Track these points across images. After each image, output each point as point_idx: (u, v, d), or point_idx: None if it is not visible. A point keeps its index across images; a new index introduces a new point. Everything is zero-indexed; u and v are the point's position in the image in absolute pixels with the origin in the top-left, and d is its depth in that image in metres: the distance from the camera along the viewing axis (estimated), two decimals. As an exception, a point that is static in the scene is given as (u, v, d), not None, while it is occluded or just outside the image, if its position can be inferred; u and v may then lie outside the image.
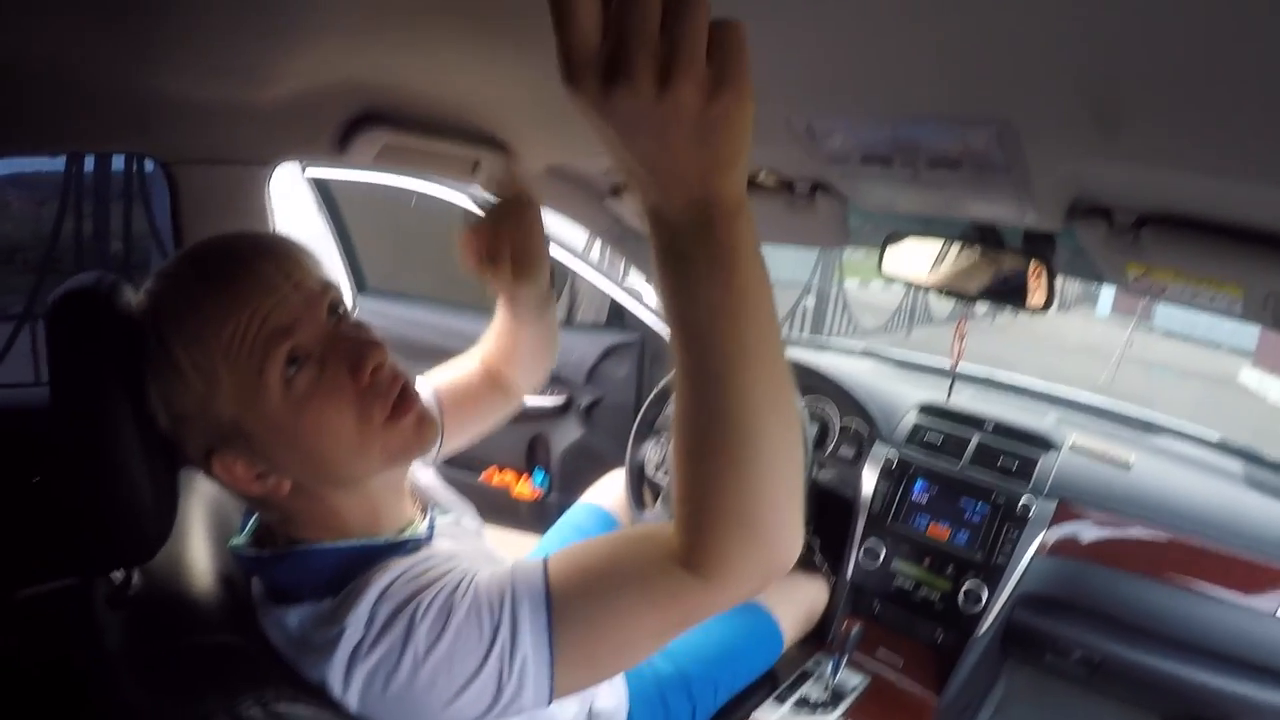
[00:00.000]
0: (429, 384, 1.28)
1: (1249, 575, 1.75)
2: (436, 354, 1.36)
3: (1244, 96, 0.74)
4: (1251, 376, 17.02)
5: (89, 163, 5.38)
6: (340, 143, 1.29)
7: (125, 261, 5.58)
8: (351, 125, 1.28)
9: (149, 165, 5.49)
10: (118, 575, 0.91)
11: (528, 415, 2.71)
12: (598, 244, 2.55)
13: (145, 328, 0.80)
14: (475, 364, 1.35)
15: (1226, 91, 0.74)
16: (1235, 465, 2.12)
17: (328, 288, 0.86)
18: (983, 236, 1.67)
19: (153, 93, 1.02)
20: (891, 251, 1.79)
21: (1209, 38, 0.66)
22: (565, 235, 2.47)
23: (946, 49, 0.82)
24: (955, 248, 1.74)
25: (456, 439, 1.30)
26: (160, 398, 0.80)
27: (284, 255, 0.84)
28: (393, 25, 0.92)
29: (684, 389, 0.67)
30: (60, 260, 5.45)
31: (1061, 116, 0.92)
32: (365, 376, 0.83)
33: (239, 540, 0.95)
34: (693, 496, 0.71)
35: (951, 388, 2.29)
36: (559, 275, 3.21)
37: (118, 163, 5.46)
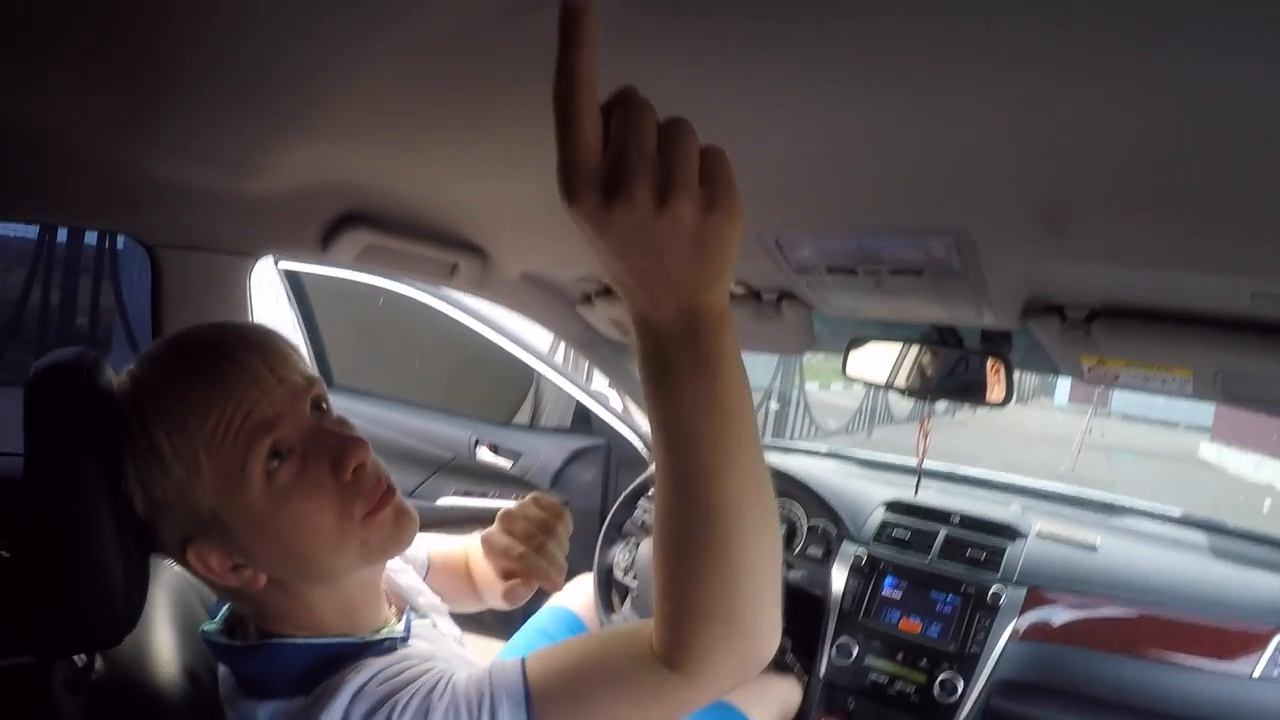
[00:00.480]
0: (424, 547, 1.29)
1: (1221, 641, 1.78)
2: (400, 453, 1.37)
3: (1178, 201, 0.84)
4: (1211, 451, 17.36)
5: (61, 233, 5.36)
6: (324, 240, 1.32)
7: (90, 336, 5.52)
8: (335, 224, 1.30)
9: (120, 242, 5.46)
10: (80, 658, 0.89)
11: (490, 517, 2.67)
12: (562, 347, 2.58)
13: (127, 410, 0.80)
14: (461, 560, 1.35)
15: (1163, 197, 0.84)
16: (1199, 537, 2.18)
17: (312, 382, 0.87)
18: (942, 337, 1.73)
19: (144, 173, 1.04)
20: (855, 355, 1.85)
21: (1144, 151, 0.74)
22: (531, 339, 2.49)
23: (906, 167, 0.90)
24: (916, 349, 1.80)
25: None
26: (139, 482, 0.80)
27: (269, 349, 0.85)
28: (383, 129, 0.96)
29: (667, 489, 0.69)
30: (24, 329, 5.39)
31: (1014, 224, 1.01)
32: (347, 474, 0.83)
33: (211, 626, 0.93)
34: (675, 594, 0.72)
35: (918, 484, 2.33)
36: (525, 380, 3.24)
37: (90, 236, 5.45)
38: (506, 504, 2.23)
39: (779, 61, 0.68)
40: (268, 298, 2.69)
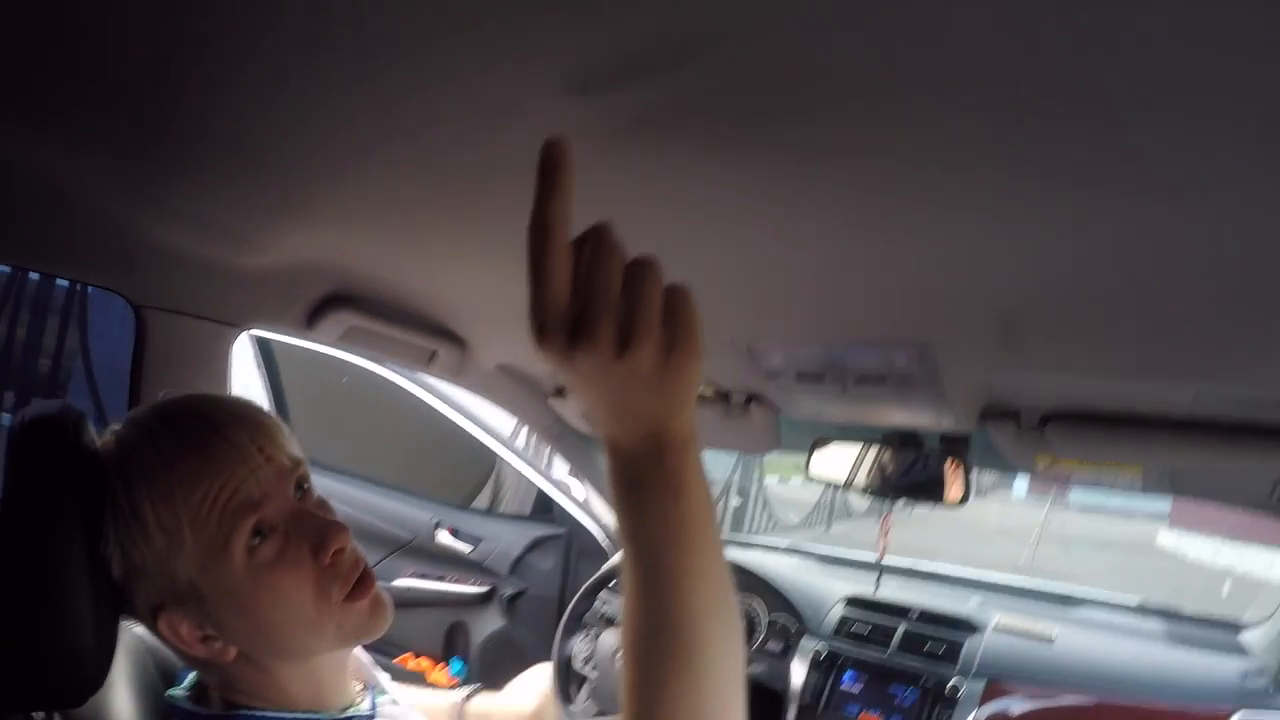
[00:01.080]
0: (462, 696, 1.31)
1: None
2: (359, 531, 1.37)
3: (1123, 317, 0.95)
4: (1169, 538, 17.49)
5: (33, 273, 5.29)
6: (309, 319, 1.34)
7: (51, 378, 5.43)
8: (322, 304, 1.33)
9: (90, 288, 5.38)
10: (38, 716, 0.86)
11: (448, 601, 2.71)
12: (523, 433, 2.61)
13: (112, 472, 0.81)
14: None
15: (1109, 314, 0.94)
16: (1156, 624, 2.23)
17: (298, 463, 0.88)
18: (902, 439, 1.81)
19: (141, 235, 1.05)
20: (818, 455, 1.93)
21: (1091, 275, 0.85)
22: (494, 423, 2.51)
23: (875, 285, 0.99)
24: (877, 450, 1.88)
25: None
26: (118, 545, 0.80)
27: (258, 427, 0.86)
28: (375, 217, 1.00)
29: (635, 596, 0.71)
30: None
31: (973, 339, 1.11)
32: (327, 557, 0.84)
33: (178, 692, 0.93)
34: (642, 695, 0.73)
35: (878, 580, 2.37)
36: (486, 463, 3.25)
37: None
38: (465, 589, 2.23)
39: (758, 185, 0.75)
40: (237, 360, 2.67)
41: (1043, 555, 14.23)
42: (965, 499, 1.80)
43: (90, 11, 0.59)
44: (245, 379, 2.67)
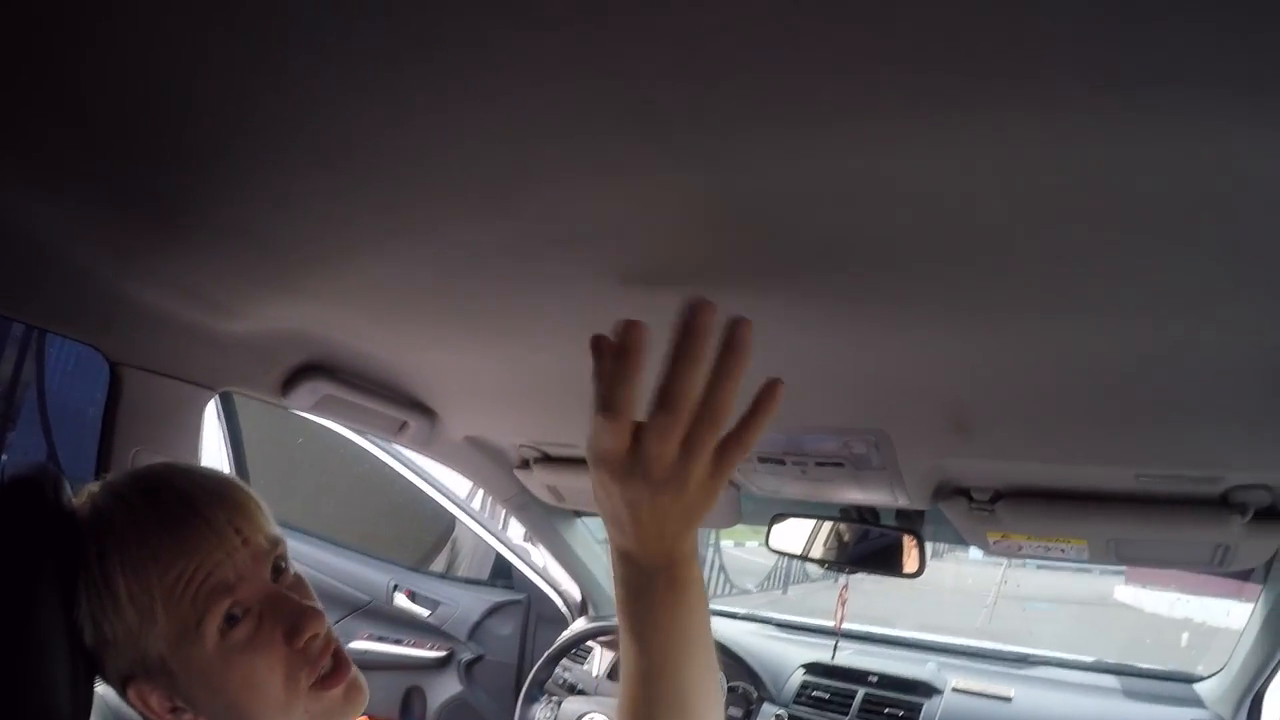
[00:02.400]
0: None
1: None
2: (316, 591, 1.33)
3: (1068, 411, 1.08)
4: (1126, 592, 17.59)
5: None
6: (284, 386, 1.37)
7: (3, 415, 5.33)
8: (297, 372, 1.36)
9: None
10: None
11: (405, 665, 2.73)
12: (480, 496, 2.63)
13: (86, 539, 0.81)
14: None
15: (1055, 409, 1.08)
16: (1111, 680, 2.30)
17: (275, 543, 0.88)
18: (860, 514, 1.90)
19: (122, 293, 1.06)
20: (778, 529, 2.01)
21: (1038, 374, 0.99)
22: (453, 486, 2.55)
23: (836, 379, 1.11)
24: (835, 524, 1.97)
25: None
26: (89, 615, 0.80)
27: (236, 507, 0.86)
28: (355, 292, 1.04)
29: (636, 681, 0.78)
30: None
31: (927, 429, 1.23)
32: (300, 643, 0.84)
33: None
34: None
35: (835, 647, 2.41)
36: (445, 526, 3.28)
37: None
38: (422, 653, 2.24)
39: (727, 285, 0.83)
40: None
41: (1000, 614, 14.29)
42: (920, 572, 1.88)
43: (91, 80, 0.62)
44: (206, 432, 2.67)
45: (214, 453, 2.60)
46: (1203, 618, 13.50)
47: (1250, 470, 1.24)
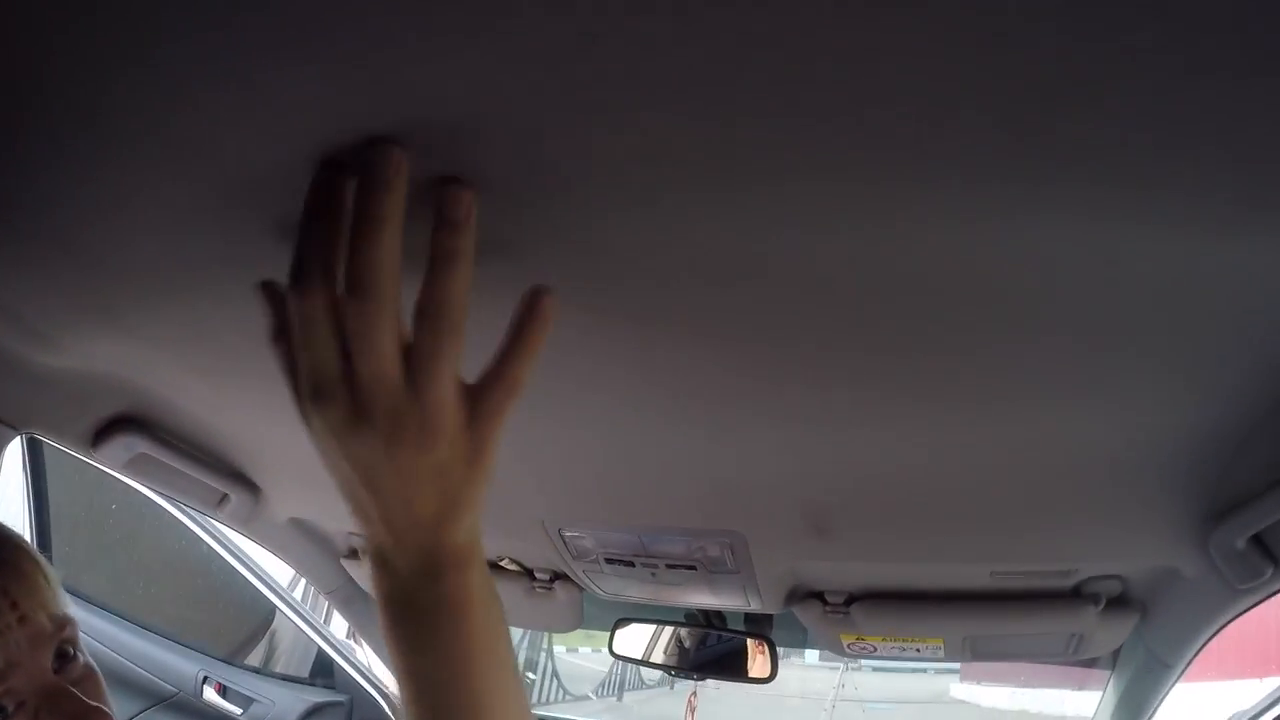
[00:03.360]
0: None
1: None
2: (116, 677, 1.23)
3: (925, 511, 1.07)
4: (962, 689, 18.31)
5: None
6: (95, 436, 1.23)
7: None
8: (112, 422, 1.23)
9: None
10: None
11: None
12: (303, 585, 2.51)
13: None
14: None
15: (912, 509, 1.07)
16: None
17: (62, 625, 0.77)
18: (708, 619, 1.86)
19: None
20: (622, 634, 1.94)
21: (893, 475, 0.97)
22: (275, 573, 2.40)
23: (691, 477, 1.06)
24: (680, 629, 1.93)
25: None
26: None
27: (19, 576, 0.76)
28: (188, 341, 0.94)
29: None
30: None
31: (784, 530, 1.19)
32: None
33: None
34: None
35: None
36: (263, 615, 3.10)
37: None
38: None
39: (578, 376, 0.79)
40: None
41: (842, 717, 14.58)
42: (773, 675, 1.85)
43: None
44: (3, 482, 2.46)
45: (12, 507, 2.34)
46: (1039, 708, 14.12)
47: (1102, 561, 1.27)
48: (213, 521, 2.22)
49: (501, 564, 1.69)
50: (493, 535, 1.51)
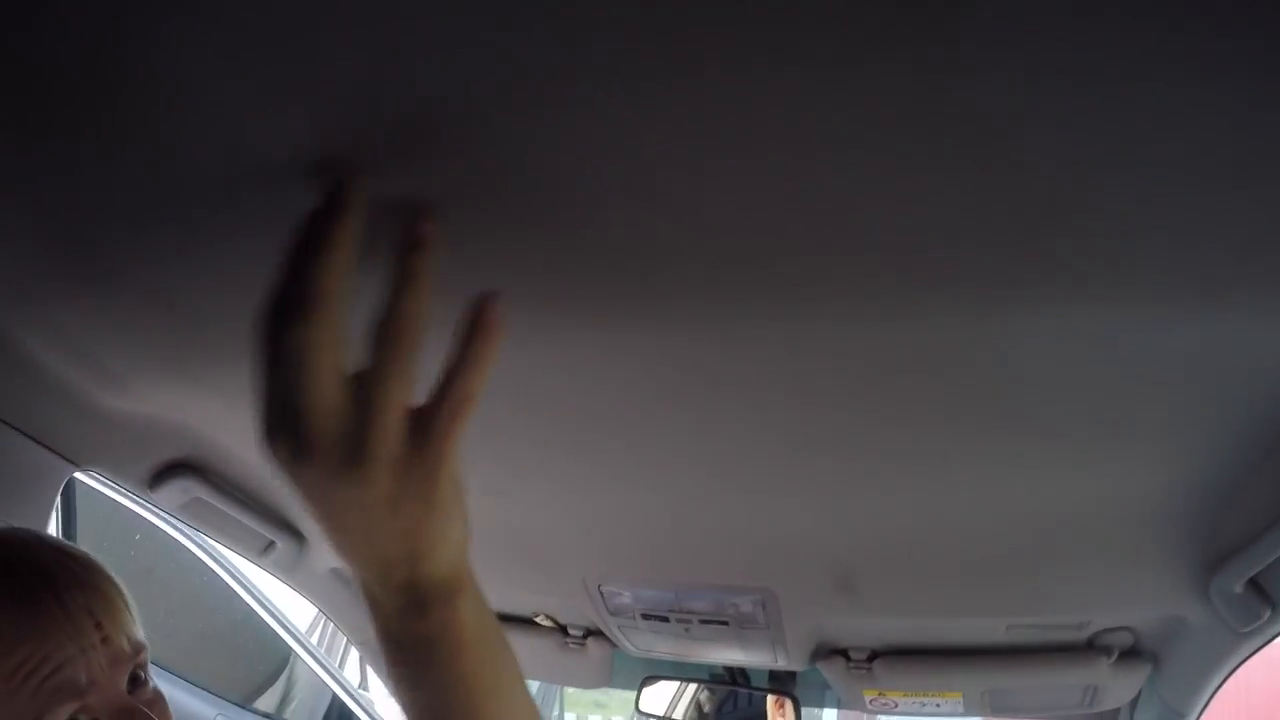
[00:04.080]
0: None
1: None
2: None
3: (947, 566, 1.15)
4: None
5: None
6: (154, 479, 1.26)
7: None
8: (171, 466, 1.27)
9: None
10: None
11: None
12: (320, 630, 2.50)
13: None
14: None
15: (935, 565, 1.14)
16: None
17: (138, 649, 0.79)
18: (732, 677, 1.93)
19: (9, 341, 0.96)
20: (648, 692, 1.98)
21: (918, 533, 1.05)
22: (292, 616, 2.44)
23: (728, 536, 1.14)
24: (703, 693, 2.00)
25: None
26: None
27: (100, 598, 0.78)
28: (249, 389, 0.96)
29: None
30: None
31: (814, 587, 1.27)
32: None
33: None
34: None
35: None
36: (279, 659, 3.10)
37: None
38: None
39: (619, 437, 0.87)
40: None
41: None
42: (796, 732, 1.89)
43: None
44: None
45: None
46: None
47: (1111, 612, 1.33)
48: (234, 561, 2.23)
49: (537, 620, 1.75)
50: (533, 591, 1.59)
